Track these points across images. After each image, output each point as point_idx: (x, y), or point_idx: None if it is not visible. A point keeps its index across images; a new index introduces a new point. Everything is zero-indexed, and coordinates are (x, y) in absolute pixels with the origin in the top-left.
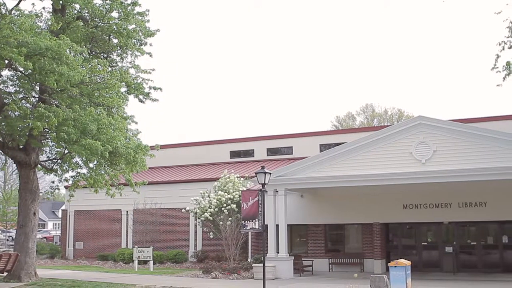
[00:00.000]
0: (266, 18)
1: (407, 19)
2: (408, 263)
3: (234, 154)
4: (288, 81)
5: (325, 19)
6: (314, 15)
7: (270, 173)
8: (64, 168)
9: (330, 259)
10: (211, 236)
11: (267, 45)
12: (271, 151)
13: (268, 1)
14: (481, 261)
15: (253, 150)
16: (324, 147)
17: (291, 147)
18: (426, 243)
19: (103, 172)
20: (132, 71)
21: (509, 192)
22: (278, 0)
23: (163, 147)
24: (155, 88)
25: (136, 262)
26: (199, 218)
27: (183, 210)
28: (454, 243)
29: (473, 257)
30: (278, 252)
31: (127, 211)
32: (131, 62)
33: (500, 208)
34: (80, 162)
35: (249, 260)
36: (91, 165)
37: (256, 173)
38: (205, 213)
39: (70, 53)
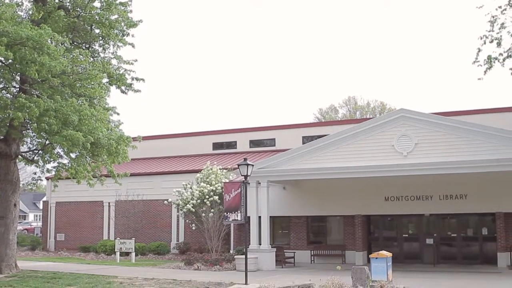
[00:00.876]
0: (250, 9)
1: (389, 12)
2: (389, 254)
3: (216, 145)
4: (272, 73)
5: (307, 12)
6: (295, 7)
7: (253, 165)
8: (46, 159)
9: (312, 251)
10: (193, 228)
11: (251, 37)
12: (253, 143)
13: None
14: (461, 252)
15: (235, 142)
16: (306, 139)
17: (274, 139)
18: (407, 235)
19: (84, 163)
20: (114, 61)
21: (489, 185)
22: None
23: (146, 138)
24: (137, 79)
25: (118, 253)
26: (181, 210)
27: (165, 201)
28: (435, 235)
29: (453, 248)
30: (260, 244)
31: (109, 203)
32: (113, 52)
33: (480, 200)
34: (61, 153)
35: (231, 251)
36: (72, 155)
37: (238, 165)
38: (188, 205)
39: (52, 43)
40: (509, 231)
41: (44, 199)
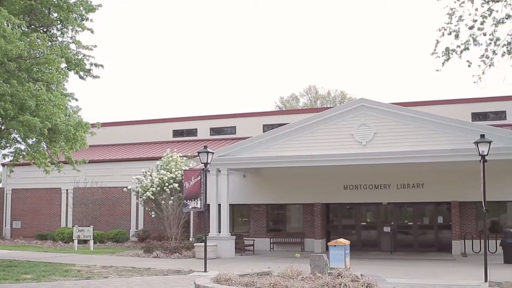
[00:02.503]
0: None
1: (351, 1)
2: (347, 242)
3: (177, 133)
4: (232, 60)
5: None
6: None
7: (213, 153)
8: (2, 144)
9: (272, 239)
10: (153, 215)
11: (212, 23)
12: (214, 131)
13: None
14: (417, 240)
15: (196, 129)
16: (267, 128)
17: (235, 127)
18: (365, 223)
19: (42, 149)
20: (73, 46)
21: (445, 174)
22: None
23: (105, 125)
24: (96, 65)
25: (76, 241)
26: (141, 197)
27: (124, 189)
28: (392, 223)
29: (409, 236)
30: (220, 232)
31: (67, 190)
32: (72, 37)
33: (436, 189)
34: (18, 138)
35: (191, 239)
36: (29, 141)
37: (198, 153)
38: (147, 192)
39: (8, 25)
40: (464, 219)
41: (0, 185)
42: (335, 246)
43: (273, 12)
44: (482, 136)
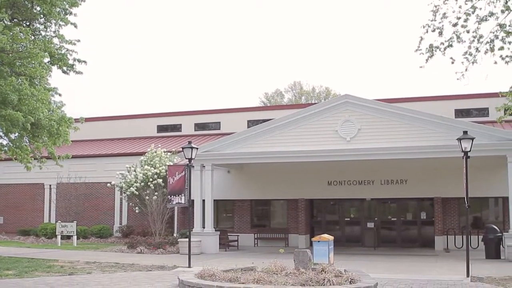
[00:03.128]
0: None
1: None
2: (331, 238)
3: (161, 128)
4: (217, 56)
5: None
6: None
7: (197, 148)
8: None
9: (256, 234)
10: (137, 211)
11: (196, 19)
12: (198, 126)
13: None
14: (401, 236)
15: (180, 125)
16: (252, 123)
17: (219, 122)
18: (349, 219)
19: (24, 144)
20: (56, 40)
21: (428, 170)
22: None
23: (89, 120)
24: (79, 61)
25: (59, 237)
26: (124, 193)
27: (108, 184)
28: (376, 219)
29: (393, 232)
30: (204, 227)
31: (50, 185)
32: (55, 31)
33: (419, 185)
34: (0, 133)
35: (175, 235)
36: (12, 136)
37: (183, 148)
38: (131, 188)
39: None
40: (447, 215)
41: None
42: (319, 241)
43: (258, 8)
44: (465, 132)
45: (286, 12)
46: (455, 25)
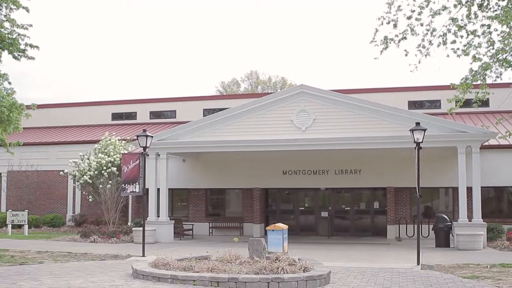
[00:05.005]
0: None
1: None
2: (285, 227)
3: (116, 116)
4: (173, 44)
5: None
6: None
7: (152, 137)
8: None
9: (211, 223)
10: (90, 200)
11: (152, 5)
12: (154, 114)
13: None
14: (354, 225)
15: (135, 112)
16: (208, 112)
17: (175, 110)
18: (303, 208)
19: None
20: (7, 25)
21: (382, 161)
22: None
23: (41, 106)
24: (31, 46)
25: (9, 226)
26: (78, 181)
27: (61, 172)
28: (330, 208)
29: (346, 221)
30: (158, 216)
31: (0, 173)
32: (6, 15)
33: (372, 175)
34: None
35: (129, 224)
36: None
37: (137, 136)
38: (85, 176)
39: None
40: (399, 204)
41: None
42: (273, 230)
43: None
44: (418, 124)
45: (242, 0)
46: (409, 18)
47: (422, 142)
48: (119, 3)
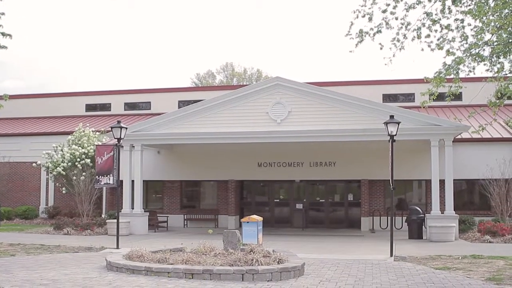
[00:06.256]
0: None
1: None
2: (260, 219)
3: (90, 107)
4: (149, 35)
5: None
6: None
7: (127, 128)
8: None
9: (186, 215)
10: (64, 192)
11: None
12: (129, 106)
13: None
14: (328, 217)
15: (110, 104)
16: (183, 104)
17: (150, 102)
18: (278, 200)
19: None
20: None
21: (356, 153)
22: None
23: (13, 97)
24: (4, 34)
25: None
26: (51, 173)
27: (34, 164)
28: (304, 200)
29: (321, 213)
30: (133, 208)
31: None
32: None
33: (347, 168)
34: None
35: (103, 216)
36: None
37: (112, 128)
38: (58, 168)
39: None
40: (373, 197)
41: None
42: (248, 222)
43: None
44: (392, 117)
45: None
46: (384, 11)
47: (396, 135)
48: None
